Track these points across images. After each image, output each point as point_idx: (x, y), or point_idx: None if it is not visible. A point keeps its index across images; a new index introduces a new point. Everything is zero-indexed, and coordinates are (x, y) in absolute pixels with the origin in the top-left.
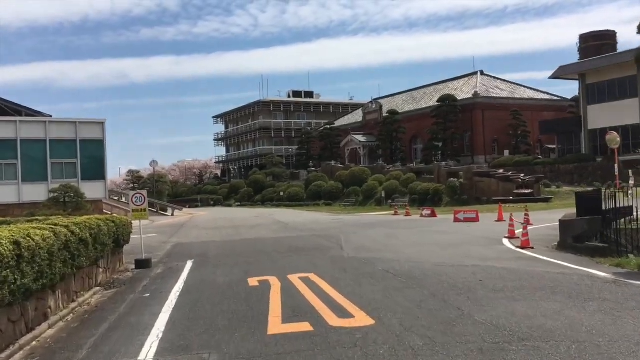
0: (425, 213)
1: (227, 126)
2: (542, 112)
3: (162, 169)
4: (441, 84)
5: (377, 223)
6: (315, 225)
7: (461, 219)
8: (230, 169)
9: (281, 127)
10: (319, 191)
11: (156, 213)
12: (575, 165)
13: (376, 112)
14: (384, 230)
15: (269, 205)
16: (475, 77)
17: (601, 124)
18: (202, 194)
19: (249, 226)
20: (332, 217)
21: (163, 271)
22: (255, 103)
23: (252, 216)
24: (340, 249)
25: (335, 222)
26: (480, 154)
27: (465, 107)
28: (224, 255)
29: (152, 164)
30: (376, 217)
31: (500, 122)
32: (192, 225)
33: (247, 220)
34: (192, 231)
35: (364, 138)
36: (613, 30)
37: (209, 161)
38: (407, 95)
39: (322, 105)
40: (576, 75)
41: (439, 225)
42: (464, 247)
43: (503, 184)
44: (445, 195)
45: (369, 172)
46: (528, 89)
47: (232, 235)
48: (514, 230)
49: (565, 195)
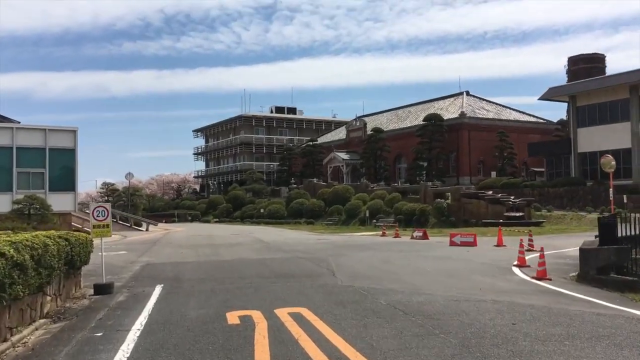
0: (416, 235)
1: (208, 140)
2: (527, 135)
3: (139, 183)
4: (426, 104)
5: (367, 245)
6: (300, 246)
7: (458, 242)
8: (209, 184)
9: (262, 143)
10: (301, 209)
11: (130, 228)
12: (565, 189)
13: (360, 129)
14: (377, 254)
15: (248, 222)
16: (461, 97)
17: (591, 147)
18: (179, 208)
19: (227, 245)
20: (317, 237)
21: (126, 299)
22: (237, 117)
23: (231, 234)
24: (333, 275)
25: (321, 242)
26: (466, 175)
27: (451, 127)
28: (199, 280)
29: (127, 176)
30: (363, 237)
31: (486, 144)
32: (167, 242)
33: (226, 238)
34: (165, 249)
35: (347, 156)
36: (602, 54)
37: (187, 175)
38: (391, 113)
39: (305, 121)
40: (566, 97)
41: (435, 250)
42: (472, 277)
43: (492, 206)
44: (431, 217)
45: (352, 191)
46: (514, 111)
47: (209, 255)
48: (524, 257)
49: (557, 220)
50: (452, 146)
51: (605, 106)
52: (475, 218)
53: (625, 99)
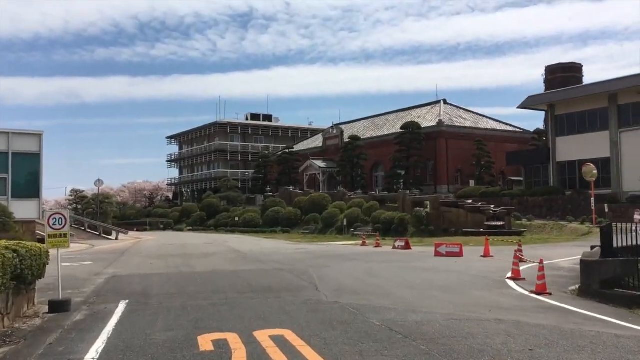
0: (398, 245)
1: (182, 147)
2: (504, 144)
3: (110, 190)
4: (404, 112)
5: (348, 255)
6: (278, 256)
7: (443, 253)
8: (182, 192)
9: (238, 150)
10: (277, 217)
11: (99, 236)
12: (544, 198)
13: (337, 137)
14: (360, 265)
15: (222, 230)
16: (439, 105)
17: (570, 156)
18: (151, 217)
19: (201, 255)
20: (295, 247)
21: (84, 318)
22: (212, 124)
23: (205, 243)
24: (316, 290)
25: (299, 252)
26: (444, 184)
27: (429, 135)
28: (169, 295)
29: (97, 183)
30: (343, 247)
31: (464, 152)
32: (136, 251)
33: (199, 247)
34: (134, 259)
35: (323, 164)
36: (579, 64)
37: (160, 183)
38: (368, 121)
39: (281, 129)
40: (545, 105)
41: (421, 260)
42: (467, 291)
43: (472, 215)
44: (410, 226)
45: (329, 199)
46: (491, 120)
47: (180, 266)
48: (519, 270)
49: (537, 229)
50: (430, 154)
51: (584, 115)
52: (455, 227)
53: (604, 108)
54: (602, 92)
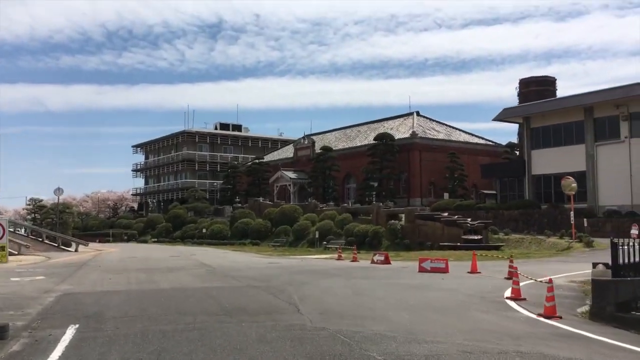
0: (377, 259)
1: (148, 156)
2: (477, 157)
3: (72, 200)
4: (376, 123)
5: (327, 270)
6: (251, 271)
7: (427, 268)
8: (148, 202)
9: (206, 160)
10: (246, 229)
11: (57, 248)
12: (519, 211)
13: (308, 148)
14: (342, 282)
15: (189, 242)
16: (412, 117)
17: (546, 169)
18: (115, 227)
19: (166, 269)
20: (267, 260)
21: (22, 348)
22: (180, 133)
23: (171, 255)
24: (298, 312)
25: (273, 266)
26: (417, 197)
27: (402, 147)
28: (128, 319)
29: (56, 192)
30: (318, 261)
31: (437, 165)
32: (95, 265)
33: (164, 261)
34: (92, 274)
35: (294, 175)
36: (553, 77)
37: (125, 193)
38: (340, 132)
39: (251, 139)
40: (520, 118)
41: (406, 277)
42: (468, 314)
43: (449, 229)
44: (385, 239)
45: (300, 211)
46: (463, 133)
47: (143, 282)
48: (519, 289)
49: (515, 243)
50: (403, 167)
51: (560, 128)
52: (431, 241)
53: (580, 121)
54: (578, 105)
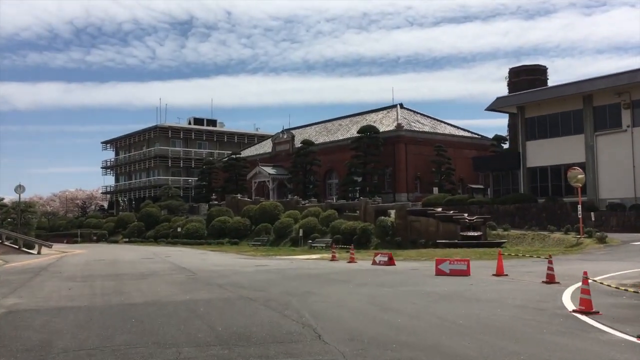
0: (380, 260)
1: (118, 153)
2: (463, 150)
3: (39, 199)
4: (358, 116)
5: (326, 275)
6: (238, 277)
7: (446, 271)
8: (119, 201)
9: (180, 156)
10: (223, 228)
11: (17, 250)
12: (515, 206)
13: (287, 142)
14: (354, 290)
15: (163, 242)
16: (395, 110)
17: (542, 161)
18: (83, 227)
19: (138, 276)
20: (253, 263)
21: None
22: (152, 128)
23: (143, 257)
24: (318, 338)
25: (262, 270)
26: (403, 192)
27: (387, 140)
28: (85, 355)
29: (17, 189)
30: (311, 262)
31: (423, 158)
32: (56, 270)
33: (136, 264)
34: (49, 282)
35: (273, 170)
36: (544, 66)
37: (94, 192)
38: (320, 126)
39: (226, 134)
40: (514, 108)
41: (425, 282)
42: (545, 338)
43: (444, 225)
44: (374, 236)
45: (281, 208)
46: (448, 126)
47: (110, 293)
48: (589, 300)
49: (516, 240)
50: (388, 160)
51: (557, 117)
52: (425, 238)
53: (579, 109)
54: (576, 93)
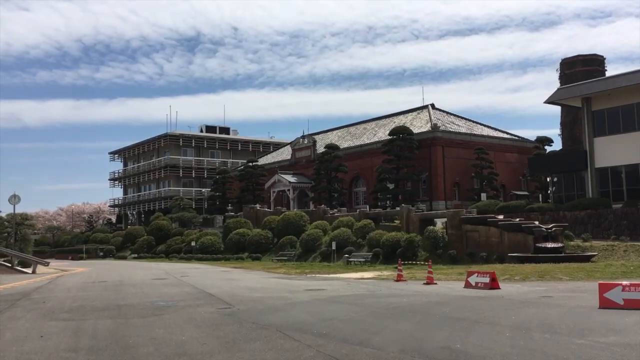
0: (478, 282)
1: (126, 163)
2: (505, 153)
3: (44, 214)
4: (385, 119)
5: (427, 306)
6: (296, 310)
7: (618, 302)
8: (127, 214)
9: (192, 166)
10: (242, 241)
11: (9, 269)
12: (587, 212)
13: (309, 148)
14: (515, 339)
15: (175, 258)
16: (426, 110)
17: (613, 161)
18: (89, 243)
19: (148, 307)
20: (299, 285)
21: None
22: (162, 137)
23: (155, 277)
24: None
25: (324, 299)
26: (440, 199)
27: (421, 142)
28: None
29: (11, 199)
30: (372, 285)
31: (462, 162)
32: (40, 298)
33: (147, 287)
34: (16, 324)
35: (294, 178)
36: (601, 55)
37: (102, 205)
38: (343, 131)
39: (240, 142)
40: (578, 100)
41: (616, 323)
42: None
43: (511, 235)
44: (421, 249)
45: (307, 218)
46: (485, 127)
47: (102, 348)
48: None
49: (604, 252)
50: (423, 165)
51: (632, 110)
52: (485, 251)
53: None
54: None
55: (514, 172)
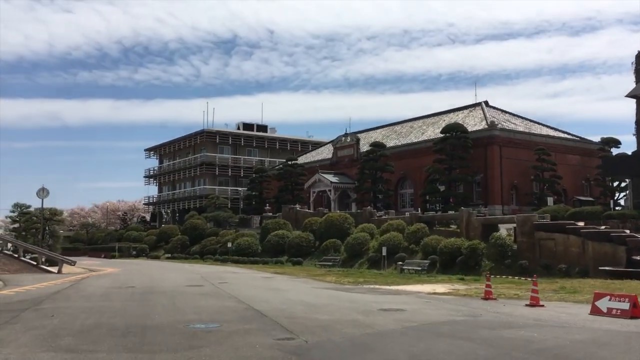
0: (614, 309)
1: (162, 161)
2: (566, 155)
3: (80, 210)
4: (434, 117)
5: (590, 354)
6: (389, 347)
7: None
8: (162, 212)
9: (228, 164)
10: (282, 244)
11: (35, 267)
12: None
13: (351, 147)
14: None
15: (209, 259)
16: (479, 108)
17: None
18: (123, 240)
19: (181, 334)
20: (363, 300)
21: None
22: (198, 133)
23: (189, 283)
24: None
25: (417, 328)
26: (497, 203)
27: (475, 141)
28: None
29: (39, 193)
30: (458, 303)
31: (520, 164)
32: (51, 310)
33: (180, 297)
34: (14, 347)
35: (335, 178)
36: None
37: (137, 203)
38: (388, 129)
39: (278, 141)
40: None
41: None
42: None
43: (597, 245)
44: (485, 259)
45: (351, 220)
46: (544, 127)
47: None
48: None
49: None
50: (478, 166)
51: None
52: (564, 262)
53: None
54: None
55: (575, 176)
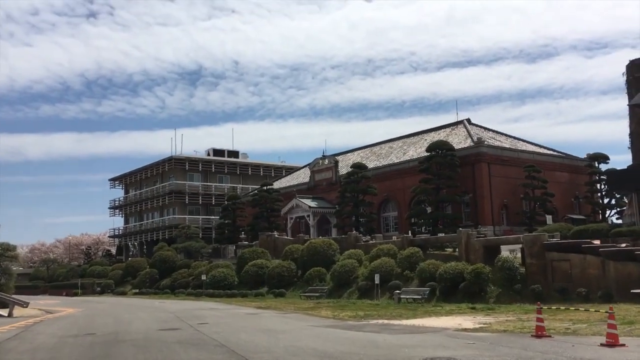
0: None
1: (128, 191)
2: (554, 172)
3: (41, 246)
4: (415, 136)
5: None
6: None
7: None
8: (128, 245)
9: (198, 192)
10: (261, 274)
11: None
12: None
13: (329, 169)
14: None
15: (182, 294)
16: (462, 126)
17: None
18: (86, 276)
19: None
20: (396, 343)
21: None
22: (166, 160)
23: (162, 327)
24: None
25: None
26: (487, 224)
27: (463, 159)
28: None
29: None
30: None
31: (509, 182)
32: None
33: (151, 350)
34: None
35: (314, 203)
36: None
37: (101, 236)
38: (366, 151)
39: (251, 166)
40: None
41: None
42: None
43: (618, 266)
44: (491, 284)
45: (336, 246)
46: (529, 144)
47: None
48: None
49: None
50: (466, 185)
51: None
52: (582, 285)
53: None
54: None
55: (564, 194)
